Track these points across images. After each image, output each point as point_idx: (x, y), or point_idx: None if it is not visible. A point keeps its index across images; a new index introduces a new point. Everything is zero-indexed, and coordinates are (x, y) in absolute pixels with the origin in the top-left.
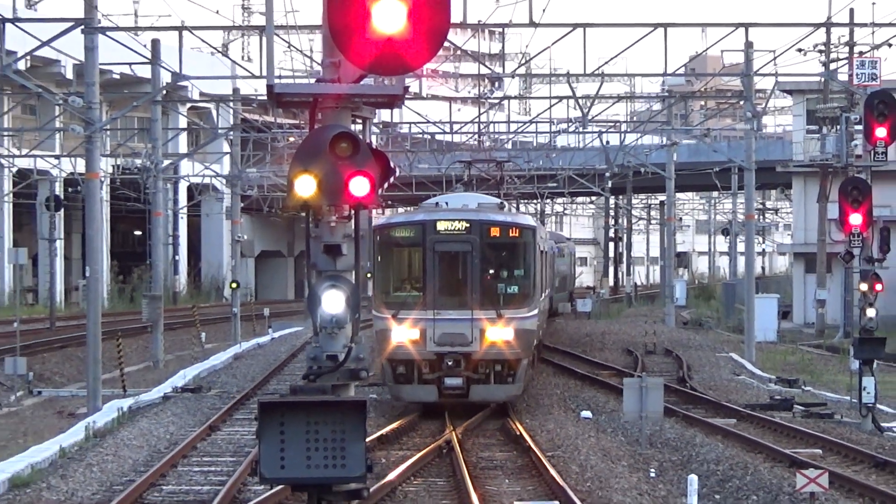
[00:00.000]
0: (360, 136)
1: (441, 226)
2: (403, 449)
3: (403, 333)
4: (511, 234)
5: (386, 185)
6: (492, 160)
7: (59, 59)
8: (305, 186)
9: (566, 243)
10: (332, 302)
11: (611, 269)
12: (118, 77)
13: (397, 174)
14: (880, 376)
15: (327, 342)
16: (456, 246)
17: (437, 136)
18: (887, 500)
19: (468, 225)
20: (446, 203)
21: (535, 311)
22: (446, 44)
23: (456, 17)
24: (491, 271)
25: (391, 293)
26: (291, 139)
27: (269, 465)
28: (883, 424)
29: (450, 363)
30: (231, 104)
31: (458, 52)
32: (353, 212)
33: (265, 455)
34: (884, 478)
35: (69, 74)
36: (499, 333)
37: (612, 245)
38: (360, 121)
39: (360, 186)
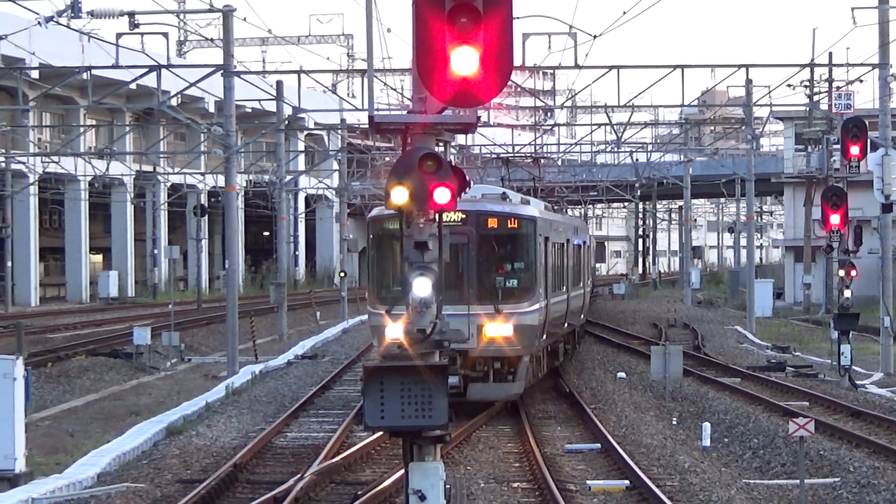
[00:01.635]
0: (442, 156)
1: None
2: None
3: (398, 330)
4: (510, 226)
5: (462, 194)
6: (528, 155)
7: (203, 97)
8: (400, 195)
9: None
10: (421, 287)
11: (640, 260)
12: (250, 110)
13: (471, 185)
14: (855, 344)
15: (417, 319)
16: (452, 238)
17: (502, 156)
18: (861, 442)
19: (464, 216)
20: None
21: (537, 306)
22: (509, 82)
23: (516, 61)
24: (489, 264)
25: (386, 288)
26: (387, 158)
27: (371, 416)
28: (857, 382)
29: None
30: (339, 131)
31: (518, 89)
32: (436, 216)
33: (368, 408)
34: (858, 424)
35: (211, 109)
36: (497, 329)
37: (640, 241)
38: (441, 143)
39: (442, 195)
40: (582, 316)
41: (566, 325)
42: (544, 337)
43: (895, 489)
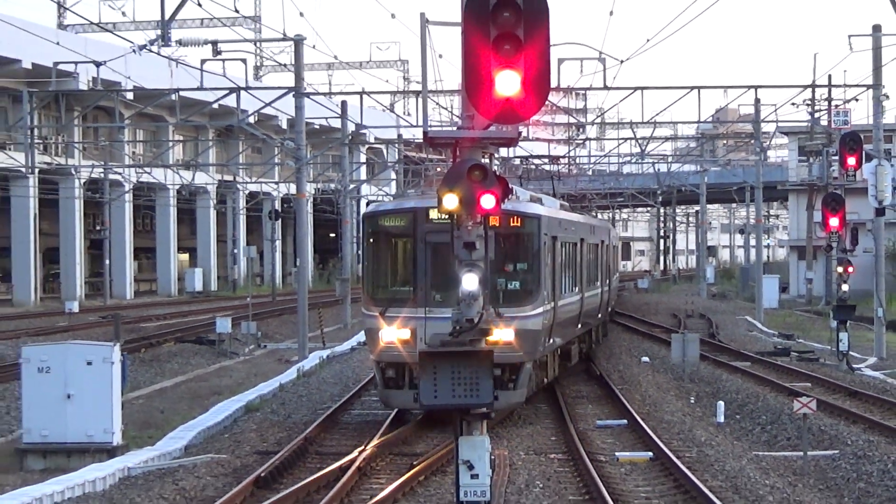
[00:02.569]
0: (488, 166)
1: (433, 214)
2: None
3: (392, 333)
4: (512, 224)
5: (505, 200)
6: (546, 155)
7: (277, 115)
8: (451, 201)
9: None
10: (470, 281)
11: (661, 258)
12: (318, 127)
13: (513, 192)
14: (852, 332)
15: (466, 309)
16: (449, 236)
17: (541, 167)
18: (858, 419)
19: None
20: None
21: (541, 310)
22: (546, 101)
23: (552, 83)
24: (490, 264)
25: (380, 288)
26: (438, 169)
27: (426, 395)
28: (854, 366)
29: None
30: (396, 145)
31: (554, 108)
32: (483, 219)
33: (423, 388)
34: (855, 403)
35: (284, 125)
36: (497, 334)
37: (661, 241)
38: (487, 155)
39: (488, 201)
40: (600, 315)
41: (580, 326)
42: (551, 341)
43: (888, 460)
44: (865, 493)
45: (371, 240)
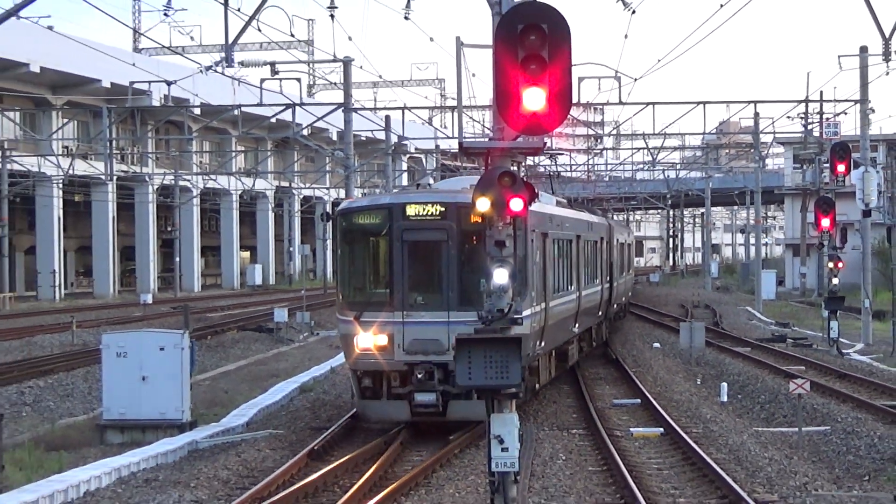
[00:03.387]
0: (517, 173)
1: (411, 210)
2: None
3: (369, 339)
4: None
5: (533, 202)
6: (541, 146)
7: (328, 128)
8: (484, 204)
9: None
10: (500, 275)
11: (670, 255)
12: (364, 138)
13: (539, 197)
14: (841, 321)
15: (497, 300)
16: (429, 234)
17: (563, 173)
18: (847, 399)
19: (443, 209)
20: (429, 184)
21: (529, 312)
22: (568, 115)
23: (574, 98)
24: (472, 265)
25: (354, 291)
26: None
27: (462, 376)
28: (843, 351)
29: (420, 375)
30: (434, 154)
31: (575, 121)
32: (512, 220)
33: (459, 370)
34: (844, 384)
35: (334, 137)
36: None
37: (671, 240)
38: (515, 163)
39: (516, 204)
40: (601, 313)
41: (576, 325)
42: (542, 343)
43: (875, 435)
44: (854, 464)
45: (344, 239)
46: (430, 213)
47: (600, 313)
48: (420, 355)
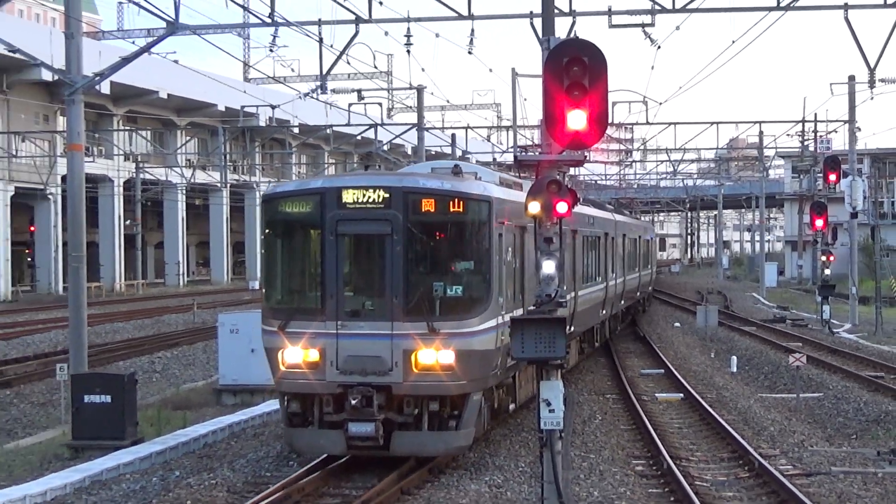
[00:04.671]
0: (562, 181)
1: (348, 196)
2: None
3: (296, 354)
4: (453, 210)
5: (576, 206)
6: (582, 159)
7: (405, 144)
8: (535, 207)
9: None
10: (548, 266)
11: (688, 250)
12: (434, 153)
13: (581, 201)
14: (832, 305)
15: (545, 287)
16: (369, 226)
17: (599, 182)
18: (837, 370)
19: (388, 196)
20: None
21: (494, 322)
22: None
23: (609, 119)
24: (423, 264)
25: (281, 296)
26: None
27: (517, 350)
28: (834, 330)
29: (354, 401)
30: (492, 167)
31: (609, 138)
32: (559, 220)
33: (514, 345)
34: (835, 358)
35: (409, 152)
36: (433, 356)
37: (689, 237)
38: (561, 173)
39: (561, 207)
40: (604, 311)
41: (570, 329)
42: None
43: (860, 401)
44: (843, 425)
45: (269, 231)
46: (371, 201)
47: (603, 311)
48: (357, 375)
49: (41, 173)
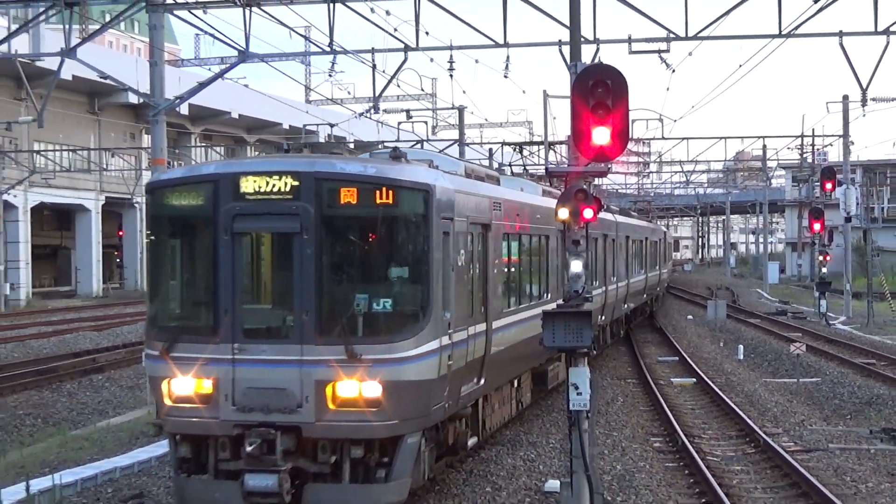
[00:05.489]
0: (588, 189)
1: (247, 185)
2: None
3: (185, 385)
4: (381, 201)
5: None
6: (606, 171)
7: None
8: (564, 213)
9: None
10: (576, 265)
11: (699, 250)
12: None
13: (605, 208)
14: (829, 299)
15: (573, 284)
16: (273, 223)
17: (619, 190)
18: (833, 357)
19: (296, 184)
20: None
21: (436, 345)
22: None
23: (629, 135)
24: (342, 271)
25: (166, 312)
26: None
27: (548, 339)
28: (830, 322)
29: (251, 447)
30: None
31: (629, 151)
32: (585, 225)
33: (546, 335)
34: (831, 347)
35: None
36: (354, 388)
37: (700, 239)
38: (587, 183)
39: (588, 213)
40: (645, 296)
41: (626, 305)
42: (470, 387)
43: (854, 385)
44: (839, 406)
45: (153, 230)
46: (276, 191)
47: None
48: (258, 413)
49: (128, 184)
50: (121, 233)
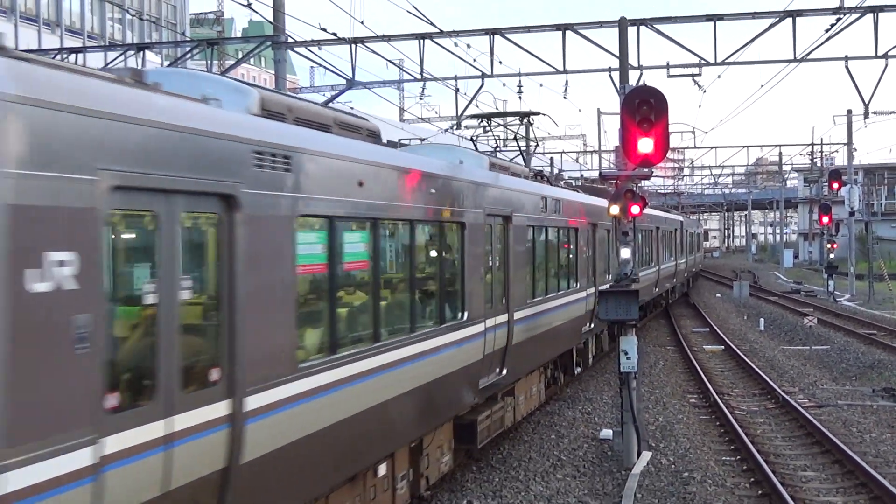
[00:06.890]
0: (636, 189)
1: None
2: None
3: None
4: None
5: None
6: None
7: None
8: (615, 209)
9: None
10: (625, 252)
11: (726, 240)
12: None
13: (647, 205)
14: (836, 280)
15: (623, 268)
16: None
17: (658, 191)
18: (840, 329)
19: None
20: None
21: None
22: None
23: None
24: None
25: None
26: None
27: (602, 313)
28: (837, 299)
29: None
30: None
31: (667, 157)
32: (633, 220)
33: (601, 309)
34: (838, 320)
35: None
36: None
37: (726, 230)
38: (634, 184)
39: (635, 209)
40: (675, 279)
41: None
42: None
43: (858, 352)
44: (846, 370)
45: None
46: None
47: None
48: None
49: None
50: None
